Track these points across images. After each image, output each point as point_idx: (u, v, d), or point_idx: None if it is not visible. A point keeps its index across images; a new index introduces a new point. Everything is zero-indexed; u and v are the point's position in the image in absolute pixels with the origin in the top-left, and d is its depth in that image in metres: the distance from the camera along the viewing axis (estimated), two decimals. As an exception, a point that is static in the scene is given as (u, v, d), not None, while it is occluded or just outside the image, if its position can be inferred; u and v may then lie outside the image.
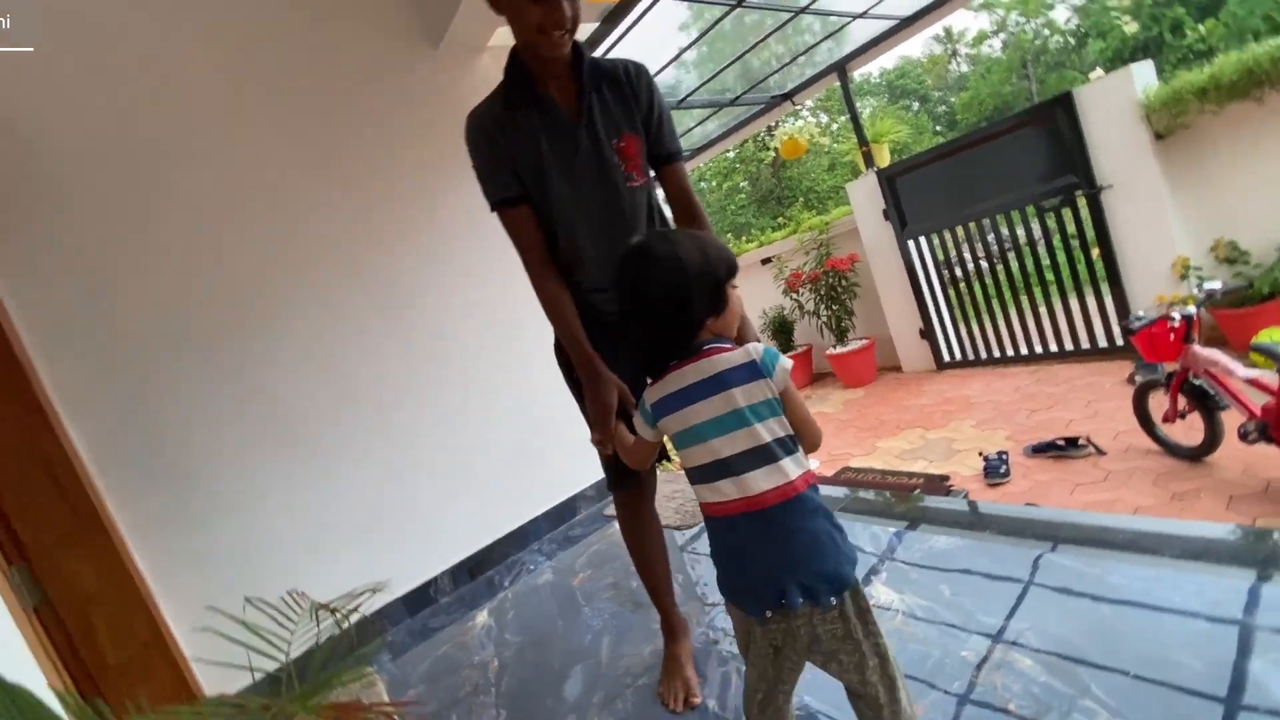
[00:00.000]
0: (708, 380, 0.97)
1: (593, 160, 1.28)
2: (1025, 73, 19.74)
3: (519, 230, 1.29)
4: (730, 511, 0.96)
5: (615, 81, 1.30)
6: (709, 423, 0.97)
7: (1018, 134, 4.05)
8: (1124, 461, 2.76)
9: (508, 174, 1.26)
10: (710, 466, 0.97)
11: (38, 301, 2.00)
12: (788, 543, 0.93)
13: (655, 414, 1.05)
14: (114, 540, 1.97)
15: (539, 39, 1.18)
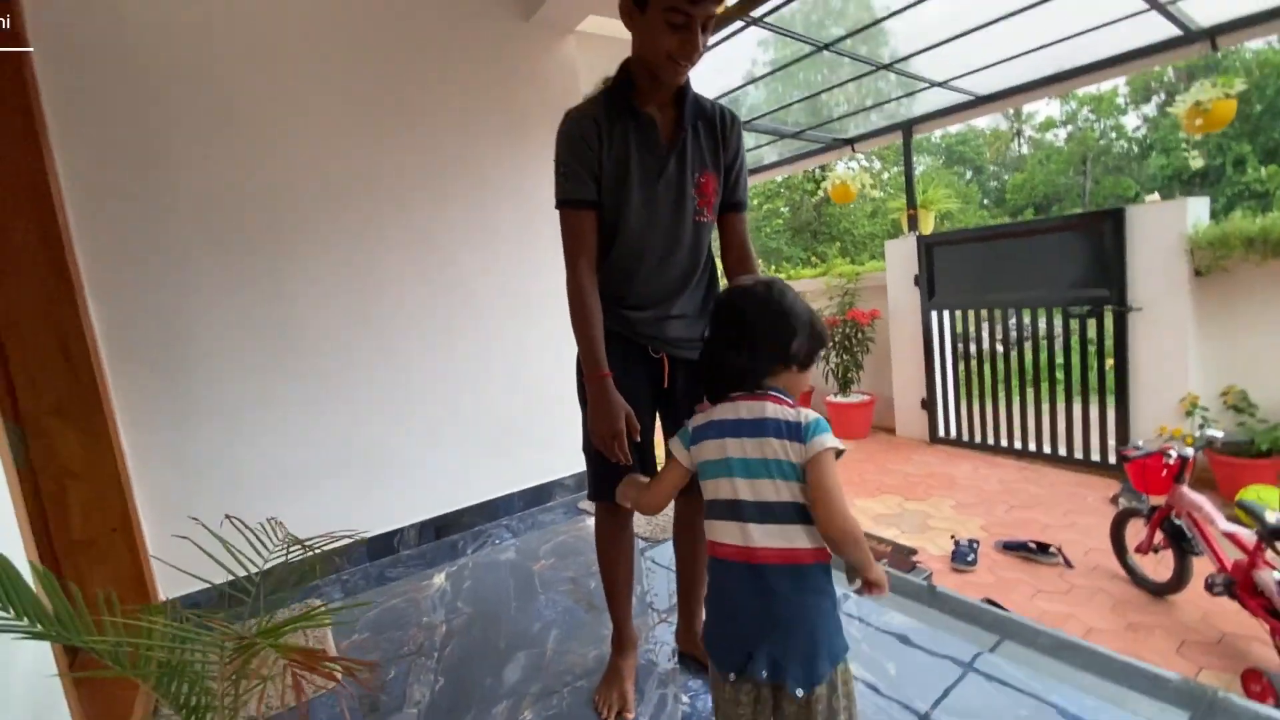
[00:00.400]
0: (756, 421, 1.00)
1: (673, 187, 1.33)
2: (1084, 169, 19.74)
3: (581, 232, 1.30)
4: (729, 557, 0.99)
5: (710, 122, 1.36)
6: (741, 461, 1.00)
7: (1062, 235, 4.08)
8: (1089, 579, 2.80)
9: (591, 177, 1.28)
10: (726, 504, 1.01)
11: (87, 174, 2.03)
12: (772, 607, 0.93)
13: (694, 436, 1.08)
14: (106, 421, 2.00)
15: (665, 64, 1.22)
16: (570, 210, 1.30)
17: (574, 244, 1.31)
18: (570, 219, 1.31)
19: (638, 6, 1.19)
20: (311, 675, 0.97)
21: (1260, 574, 2.05)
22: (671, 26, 1.17)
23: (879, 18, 3.55)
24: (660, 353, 1.42)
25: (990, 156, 24.05)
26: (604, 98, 1.31)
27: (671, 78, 1.26)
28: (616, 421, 1.27)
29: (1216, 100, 3.32)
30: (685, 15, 1.16)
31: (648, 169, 1.31)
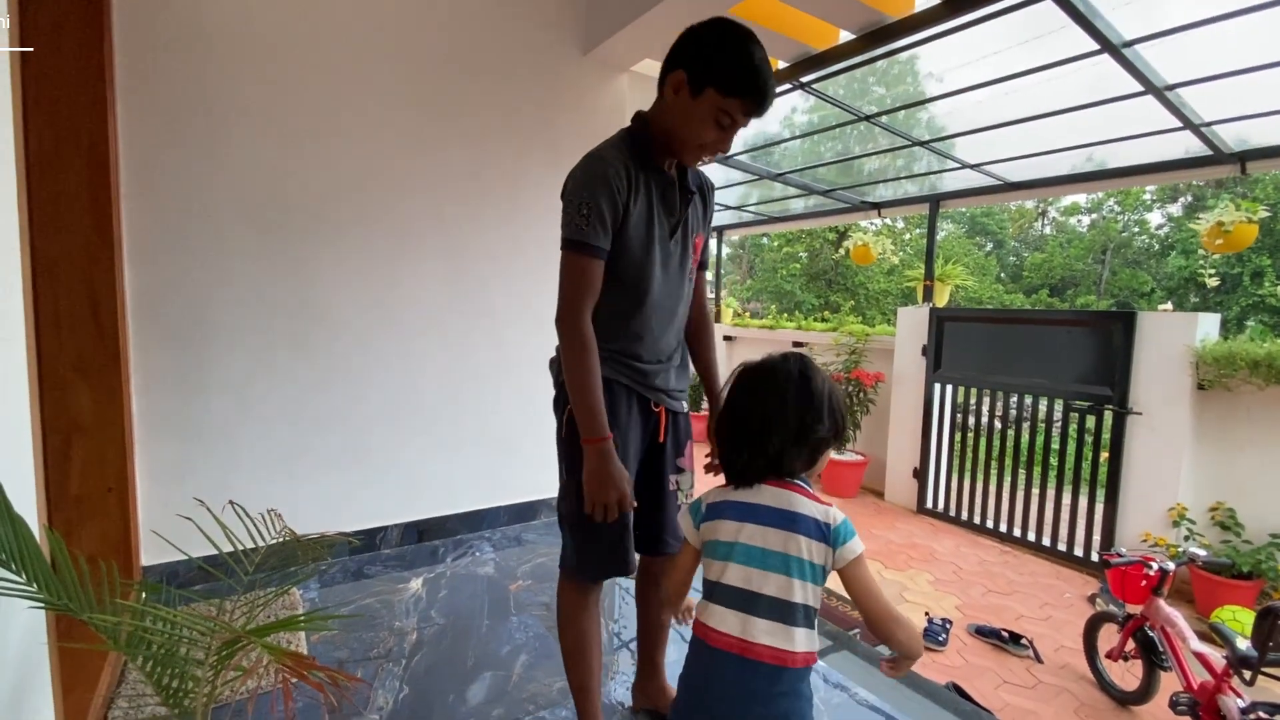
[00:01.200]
0: (784, 512, 0.98)
1: (680, 246, 1.38)
2: (1103, 258, 19.94)
3: (591, 280, 1.24)
4: (721, 645, 0.96)
5: (702, 190, 1.44)
6: (760, 550, 0.97)
7: (1072, 330, 4.14)
8: (1056, 677, 2.80)
9: (608, 228, 1.24)
10: (732, 591, 0.97)
11: (145, 142, 2.10)
12: (755, 705, 0.93)
13: (708, 514, 1.04)
14: (122, 382, 2.04)
15: (693, 150, 1.27)
16: (585, 256, 1.23)
17: (581, 291, 1.24)
18: (581, 263, 1.23)
19: (691, 90, 1.20)
20: (296, 679, 1.00)
21: (1224, 699, 2.06)
22: (718, 124, 1.22)
23: (921, 99, 3.66)
24: (660, 406, 1.42)
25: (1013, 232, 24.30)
26: (629, 147, 1.29)
27: (692, 162, 1.32)
28: (622, 486, 1.23)
29: (1239, 224, 3.39)
30: (733, 120, 1.21)
31: (664, 227, 1.33)
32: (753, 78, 1.18)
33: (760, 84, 1.19)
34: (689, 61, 1.20)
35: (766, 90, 1.20)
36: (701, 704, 0.98)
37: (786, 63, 3.13)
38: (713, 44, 1.19)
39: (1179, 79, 2.76)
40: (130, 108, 2.06)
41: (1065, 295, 19.89)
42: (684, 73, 1.20)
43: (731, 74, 1.18)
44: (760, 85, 1.19)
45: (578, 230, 1.23)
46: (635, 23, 2.61)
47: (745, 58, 1.17)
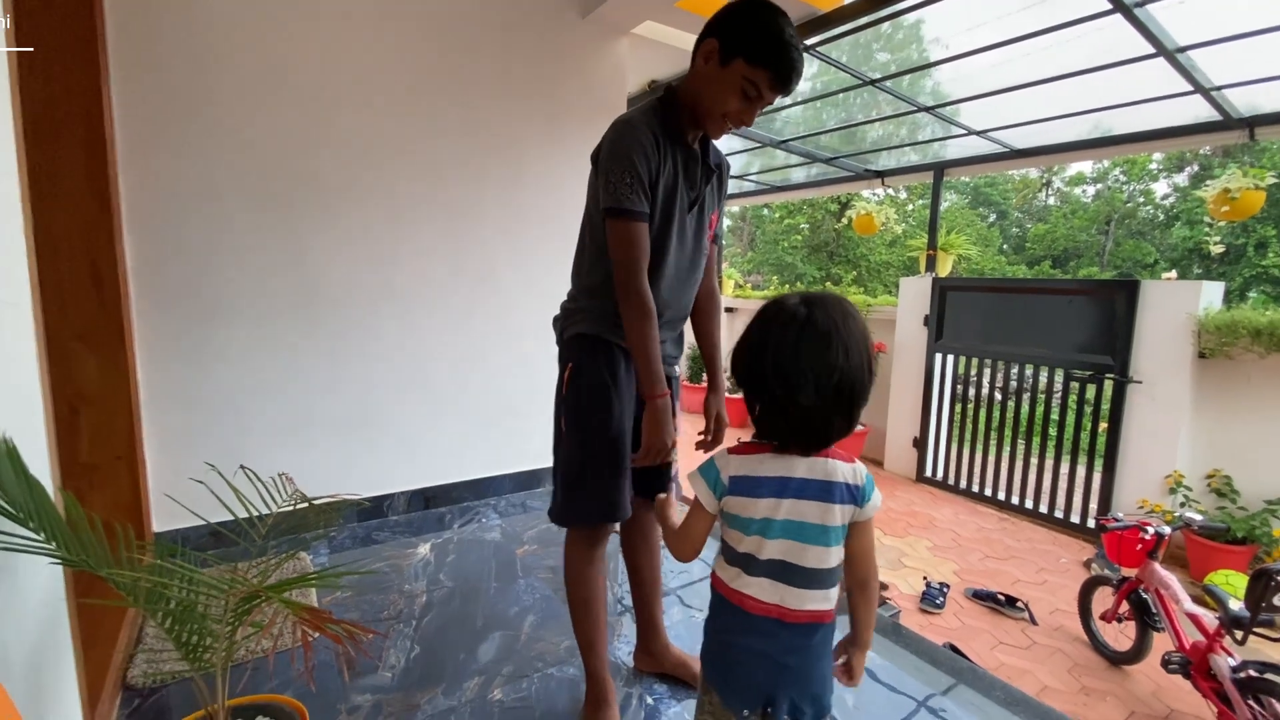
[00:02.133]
0: (821, 484, 0.94)
1: (698, 219, 1.42)
2: (1107, 229, 19.78)
3: (640, 244, 1.26)
4: (759, 612, 0.96)
5: (721, 169, 1.47)
6: (797, 524, 0.94)
7: (1074, 299, 4.13)
8: (1050, 639, 2.86)
9: (646, 193, 1.27)
10: (770, 564, 0.95)
11: (141, 110, 2.07)
12: (793, 658, 0.95)
13: (734, 488, 0.96)
14: (126, 352, 2.05)
15: (717, 121, 1.29)
16: (633, 221, 1.25)
17: (636, 256, 1.26)
18: (631, 230, 1.25)
19: (721, 59, 1.22)
20: (313, 631, 1.02)
21: (1216, 658, 2.11)
22: (744, 94, 1.23)
23: (927, 63, 3.59)
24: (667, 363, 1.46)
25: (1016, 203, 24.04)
26: (658, 115, 1.31)
27: (715, 133, 1.34)
28: (673, 434, 1.33)
29: (1246, 190, 3.36)
30: (759, 93, 1.23)
31: (685, 200, 1.36)
32: (782, 51, 1.20)
33: (788, 57, 1.20)
34: (722, 31, 1.23)
35: (794, 64, 1.22)
36: (747, 665, 0.97)
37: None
38: (746, 16, 1.22)
39: (1191, 40, 2.70)
40: (124, 75, 2.02)
41: (1068, 267, 19.77)
42: (716, 41, 1.23)
43: (760, 45, 1.20)
44: (788, 58, 1.20)
45: (623, 198, 1.25)
46: (637, -17, 2.56)
47: (776, 31, 1.20)
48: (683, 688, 1.65)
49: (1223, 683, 2.07)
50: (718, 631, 1.02)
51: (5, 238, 1.09)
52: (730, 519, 0.99)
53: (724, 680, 1.00)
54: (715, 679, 1.01)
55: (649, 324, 1.27)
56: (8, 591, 0.98)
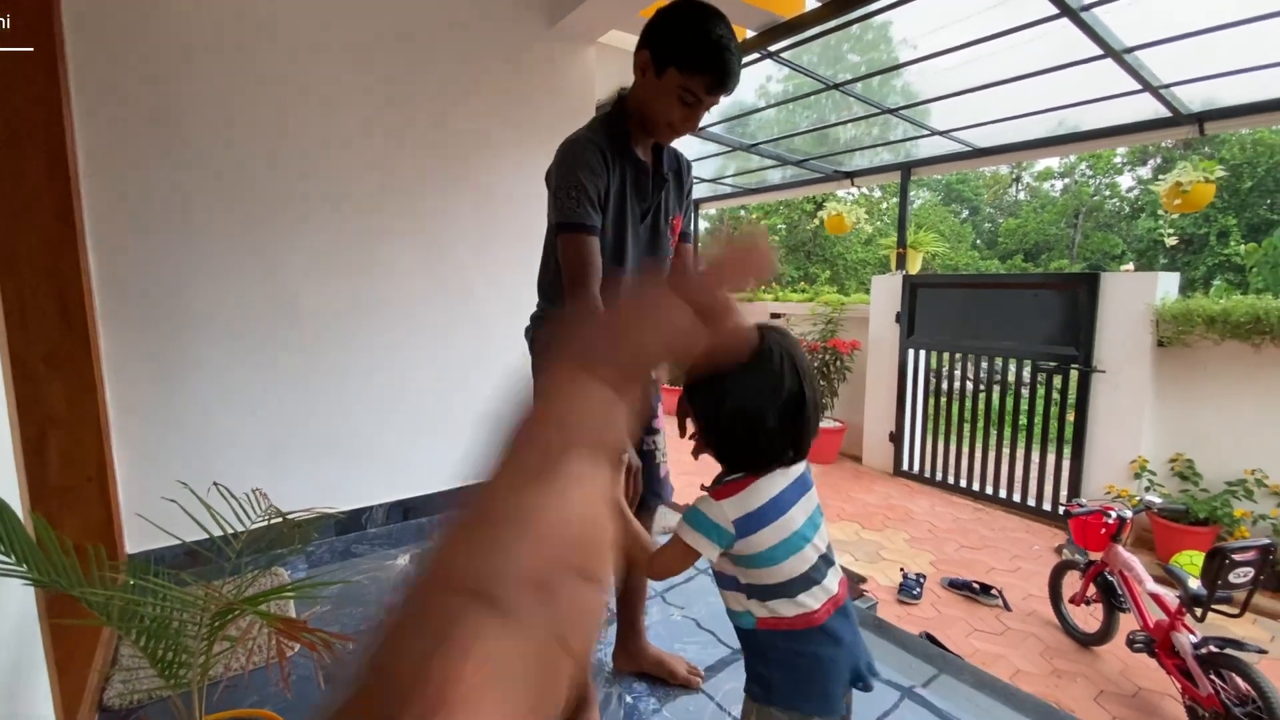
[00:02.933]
0: (798, 480, 0.96)
1: (652, 227, 1.43)
2: (1075, 222, 20.25)
3: (590, 258, 1.27)
4: (823, 618, 0.92)
5: (678, 170, 1.46)
6: (807, 523, 0.94)
7: (1040, 292, 4.25)
8: (1023, 624, 2.94)
9: (596, 207, 1.29)
10: (805, 575, 0.92)
11: (102, 127, 2.06)
12: (855, 628, 0.97)
13: (740, 530, 0.90)
14: (94, 373, 2.03)
15: (663, 129, 1.31)
16: (582, 235, 1.26)
17: (585, 267, 1.26)
18: (580, 243, 1.26)
19: (655, 68, 1.24)
20: (289, 641, 1.04)
21: (1178, 636, 2.19)
22: (682, 101, 1.24)
23: (891, 65, 3.67)
24: None
25: (988, 199, 24.50)
26: (604, 130, 1.33)
27: (665, 140, 1.36)
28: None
29: (1196, 184, 3.49)
30: (697, 98, 1.24)
31: (635, 211, 1.39)
32: (712, 55, 1.19)
33: (721, 61, 1.20)
34: (652, 41, 1.23)
35: (728, 68, 1.21)
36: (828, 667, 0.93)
37: (755, 31, 3.12)
38: (673, 23, 1.21)
39: (1137, 41, 2.81)
40: (84, 93, 2.01)
41: (1040, 260, 20.17)
42: (648, 52, 1.24)
43: (690, 52, 1.20)
44: (721, 62, 1.20)
45: (570, 213, 1.27)
46: (601, -7, 2.59)
47: (703, 35, 1.19)
48: (661, 685, 1.68)
49: (1185, 659, 2.14)
50: (792, 669, 0.94)
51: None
52: (751, 560, 0.92)
53: (825, 698, 0.93)
54: (817, 706, 0.93)
55: None
56: (-23, 616, 0.98)
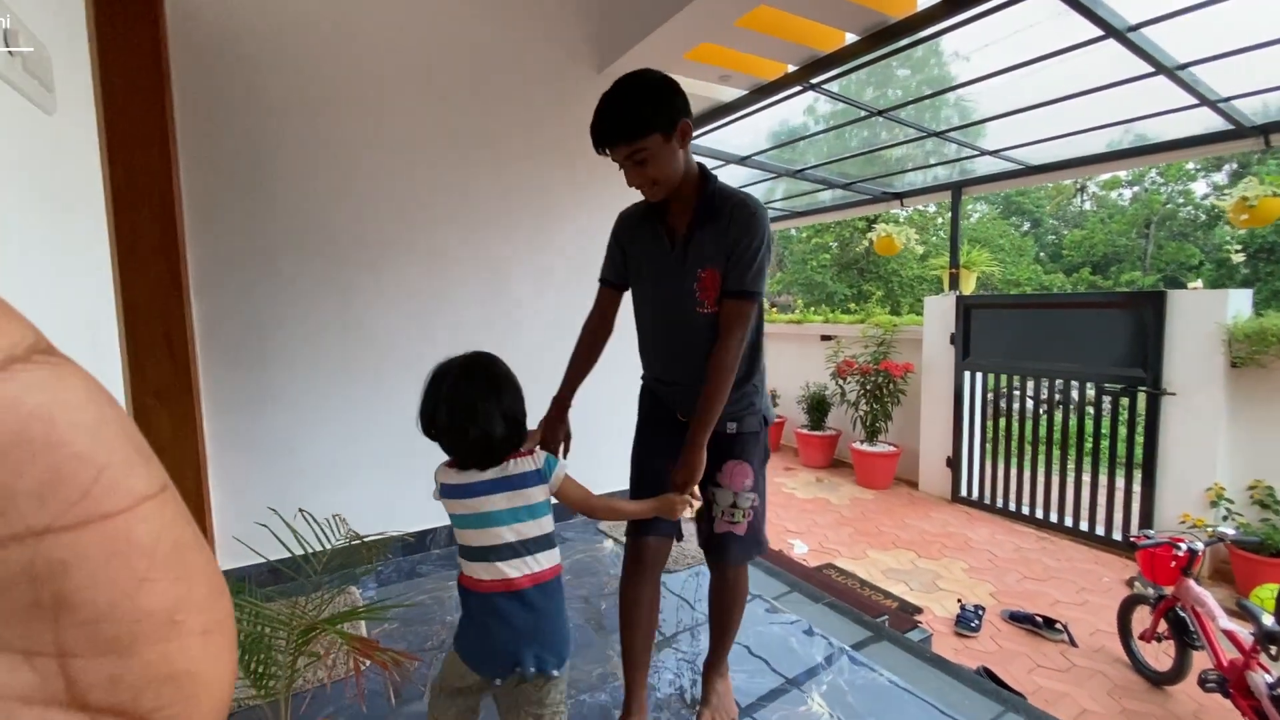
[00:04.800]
0: (503, 479, 1.24)
1: (675, 284, 1.48)
2: (1146, 232, 19.21)
3: (598, 301, 1.66)
4: (486, 589, 1.18)
5: (718, 218, 1.42)
6: (504, 512, 1.21)
7: (1104, 311, 4.10)
8: (1091, 660, 2.82)
9: (616, 264, 1.61)
10: (484, 548, 1.20)
11: (204, 181, 2.31)
12: (538, 624, 1.17)
13: (441, 492, 1.29)
14: (194, 406, 2.26)
15: (641, 192, 1.45)
16: (600, 285, 1.66)
17: (594, 309, 1.68)
18: (599, 292, 1.66)
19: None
20: (363, 659, 1.15)
21: (1253, 675, 2.08)
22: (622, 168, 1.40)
23: (930, 93, 3.68)
24: (687, 417, 1.50)
25: (1050, 210, 23.56)
26: (644, 202, 1.52)
27: (649, 199, 1.45)
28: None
29: (1264, 198, 3.33)
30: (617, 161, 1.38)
31: (656, 268, 1.52)
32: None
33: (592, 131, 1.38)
34: None
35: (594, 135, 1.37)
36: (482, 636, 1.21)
37: (795, 66, 3.21)
38: None
39: (1189, 58, 2.74)
40: (191, 157, 2.27)
41: (1109, 272, 19.19)
42: None
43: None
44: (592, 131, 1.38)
45: (602, 269, 1.65)
46: (646, 40, 2.74)
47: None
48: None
49: (1260, 700, 2.03)
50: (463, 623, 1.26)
51: (100, 307, 1.28)
52: (451, 520, 1.27)
53: (475, 657, 1.20)
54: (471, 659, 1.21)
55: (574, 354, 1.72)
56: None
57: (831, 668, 1.95)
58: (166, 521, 0.20)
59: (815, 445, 6.10)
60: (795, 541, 4.24)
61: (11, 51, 0.89)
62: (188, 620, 0.20)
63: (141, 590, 0.19)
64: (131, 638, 0.18)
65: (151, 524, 0.19)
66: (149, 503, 0.19)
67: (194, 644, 0.20)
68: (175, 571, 0.19)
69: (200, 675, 0.20)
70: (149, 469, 0.20)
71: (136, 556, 0.19)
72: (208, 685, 0.20)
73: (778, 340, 7.20)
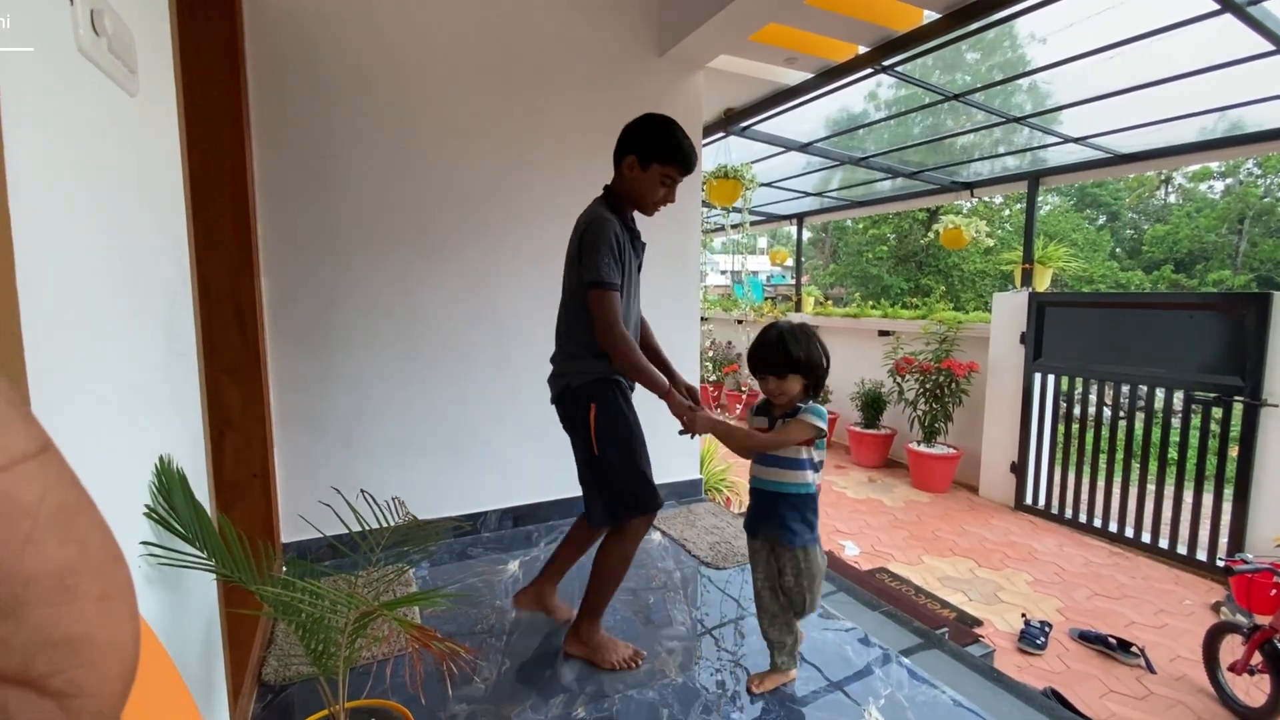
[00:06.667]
0: None
1: (636, 278, 1.87)
2: (1240, 228, 17.77)
3: (616, 307, 1.72)
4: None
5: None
6: None
7: (1196, 313, 3.79)
8: (1170, 689, 2.63)
9: (620, 266, 1.78)
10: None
11: (275, 169, 2.37)
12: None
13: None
14: (262, 382, 2.33)
15: (650, 207, 1.82)
16: (612, 291, 1.71)
17: (615, 314, 1.72)
18: (611, 297, 1.71)
19: (642, 166, 1.76)
20: (420, 647, 1.15)
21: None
22: (663, 184, 1.78)
23: (1010, 76, 3.45)
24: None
25: (1130, 203, 22.14)
26: (614, 210, 1.80)
27: (650, 214, 1.85)
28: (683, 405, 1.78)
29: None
30: (674, 180, 1.78)
31: (632, 265, 1.83)
32: (681, 149, 1.74)
33: (685, 152, 1.75)
34: (635, 148, 1.75)
35: (690, 155, 1.76)
36: None
37: (867, 47, 3.05)
38: (649, 133, 1.74)
39: (1322, 35, 2.47)
40: (263, 141, 2.33)
41: (1194, 271, 17.92)
42: (634, 155, 1.75)
43: (666, 150, 1.73)
44: (685, 153, 1.75)
45: (608, 274, 1.70)
46: (709, 22, 2.64)
47: (673, 137, 1.73)
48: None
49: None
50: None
51: (178, 288, 1.30)
52: (819, 445, 1.67)
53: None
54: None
55: (638, 356, 1.73)
56: (181, 600, 1.17)
57: (890, 681, 1.87)
58: (50, 482, 0.19)
59: (869, 444, 5.91)
60: (846, 543, 4.11)
61: (98, 32, 0.90)
62: (80, 584, 0.19)
63: (26, 552, 0.18)
64: (17, 601, 0.18)
65: (33, 484, 0.19)
66: (29, 462, 0.19)
67: (89, 608, 0.19)
68: (62, 533, 0.19)
69: (97, 639, 0.19)
70: (28, 427, 0.19)
71: (18, 517, 0.18)
72: (105, 650, 0.20)
73: (831, 334, 6.99)
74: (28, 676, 0.18)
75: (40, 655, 0.18)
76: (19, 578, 0.18)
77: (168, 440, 1.16)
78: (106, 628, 0.20)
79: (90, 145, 0.89)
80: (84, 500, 0.21)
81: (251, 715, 1.68)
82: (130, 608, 0.21)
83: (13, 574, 0.18)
